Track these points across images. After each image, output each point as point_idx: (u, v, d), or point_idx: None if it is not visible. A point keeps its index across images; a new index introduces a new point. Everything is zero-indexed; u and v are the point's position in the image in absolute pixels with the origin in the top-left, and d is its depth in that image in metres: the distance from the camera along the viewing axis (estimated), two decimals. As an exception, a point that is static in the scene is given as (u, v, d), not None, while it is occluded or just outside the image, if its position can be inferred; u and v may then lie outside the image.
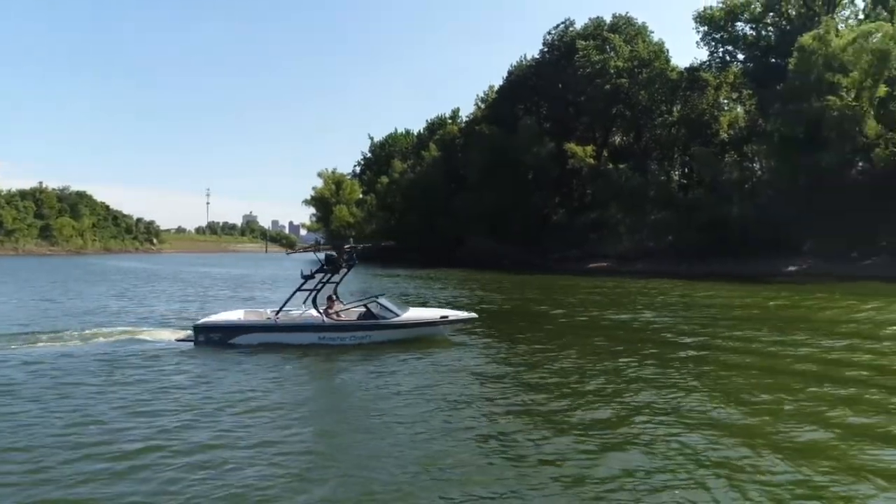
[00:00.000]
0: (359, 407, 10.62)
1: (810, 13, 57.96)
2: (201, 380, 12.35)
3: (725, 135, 62.35)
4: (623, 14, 71.08)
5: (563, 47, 71.12)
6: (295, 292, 16.90)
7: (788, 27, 58.50)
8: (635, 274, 49.08)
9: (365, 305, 16.77)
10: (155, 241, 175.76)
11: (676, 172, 67.56)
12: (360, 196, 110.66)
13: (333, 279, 16.86)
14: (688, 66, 65.89)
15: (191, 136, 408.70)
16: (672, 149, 66.08)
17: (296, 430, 9.08)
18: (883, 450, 8.16)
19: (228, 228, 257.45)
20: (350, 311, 16.94)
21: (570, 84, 68.66)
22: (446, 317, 17.00)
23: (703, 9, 63.79)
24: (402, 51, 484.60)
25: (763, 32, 62.09)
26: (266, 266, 75.19)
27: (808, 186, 49.72)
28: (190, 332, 16.48)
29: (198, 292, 35.21)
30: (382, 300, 16.83)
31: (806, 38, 50.41)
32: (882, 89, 49.00)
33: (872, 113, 48.99)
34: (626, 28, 69.83)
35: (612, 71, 65.44)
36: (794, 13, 59.73)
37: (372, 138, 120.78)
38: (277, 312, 16.66)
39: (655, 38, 69.45)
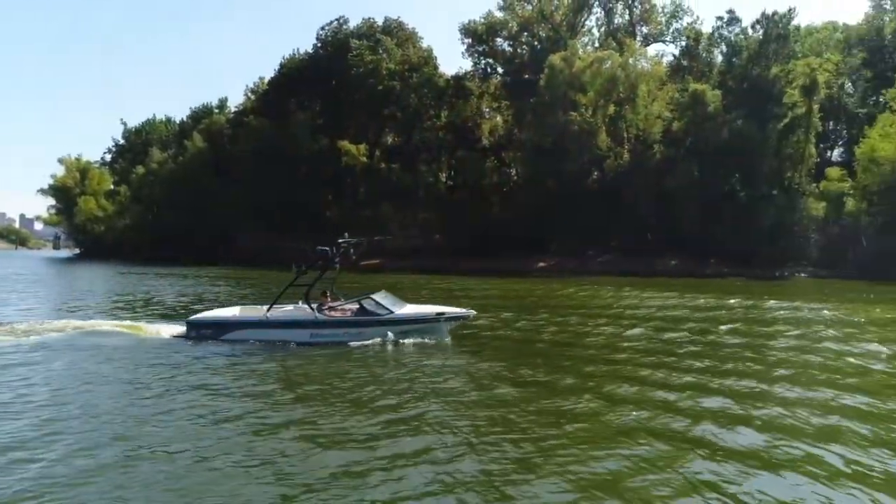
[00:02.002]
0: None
1: (557, 36, 65.01)
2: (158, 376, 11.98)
3: (487, 141, 67.39)
4: (395, 18, 73.31)
5: (337, 44, 71.09)
6: (286, 288, 16.23)
7: (539, 47, 65.01)
8: (406, 270, 50.77)
9: (359, 302, 16.12)
10: None
11: (444, 174, 71.34)
12: (111, 187, 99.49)
13: (328, 275, 16.50)
14: (454, 74, 70.12)
15: None
16: (440, 151, 69.60)
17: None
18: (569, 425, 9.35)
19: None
20: (344, 308, 16.26)
21: (343, 82, 68.86)
22: (443, 313, 16.44)
23: (468, 22, 68.48)
24: (163, 32, 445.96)
25: (519, 50, 68.30)
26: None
27: (555, 191, 55.80)
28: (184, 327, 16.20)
29: None
30: (377, 296, 16.17)
31: (554, 59, 56.46)
32: (612, 108, 56.73)
33: (604, 129, 56.45)
34: (397, 32, 71.95)
35: (384, 72, 66.98)
36: (544, 35, 66.53)
37: (125, 123, 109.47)
38: (269, 308, 16.03)
39: (424, 44, 72.68)
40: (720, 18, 62.05)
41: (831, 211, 50.28)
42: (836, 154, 62.24)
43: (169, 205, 77.11)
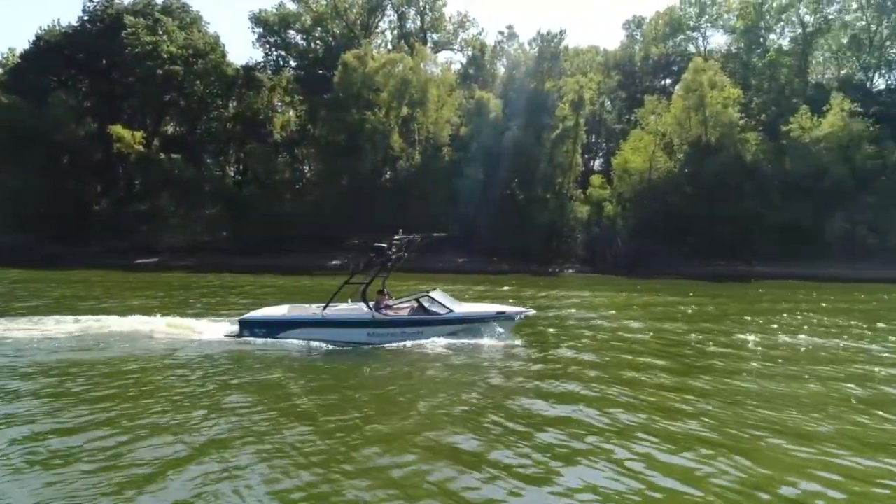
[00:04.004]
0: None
1: (351, 34, 65.20)
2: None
3: (279, 136, 65.39)
4: (178, -1, 67.80)
5: (108, 20, 63.88)
6: (343, 286, 15.88)
7: (334, 43, 64.64)
8: (189, 268, 47.43)
9: (417, 300, 16.02)
10: None
11: (232, 168, 67.89)
12: None
13: (382, 273, 16.29)
14: (244, 64, 66.77)
15: None
16: (228, 144, 66.07)
17: None
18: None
19: None
20: (401, 307, 16.13)
21: (116, 62, 62.17)
22: (503, 312, 16.20)
23: (259, 11, 65.84)
24: None
25: (313, 45, 67.21)
26: None
27: (349, 189, 55.94)
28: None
29: None
30: (434, 294, 16.09)
31: (348, 56, 56.52)
32: (404, 110, 58.22)
33: (397, 130, 57.77)
34: (180, 13, 66.67)
35: (164, 56, 61.62)
36: (338, 32, 66.29)
37: None
38: (325, 307, 15.74)
39: (211, 31, 68.29)
40: (501, 33, 66.91)
41: (594, 214, 56.58)
42: (597, 164, 70.14)
43: None
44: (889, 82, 62.83)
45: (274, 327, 15.58)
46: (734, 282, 39.93)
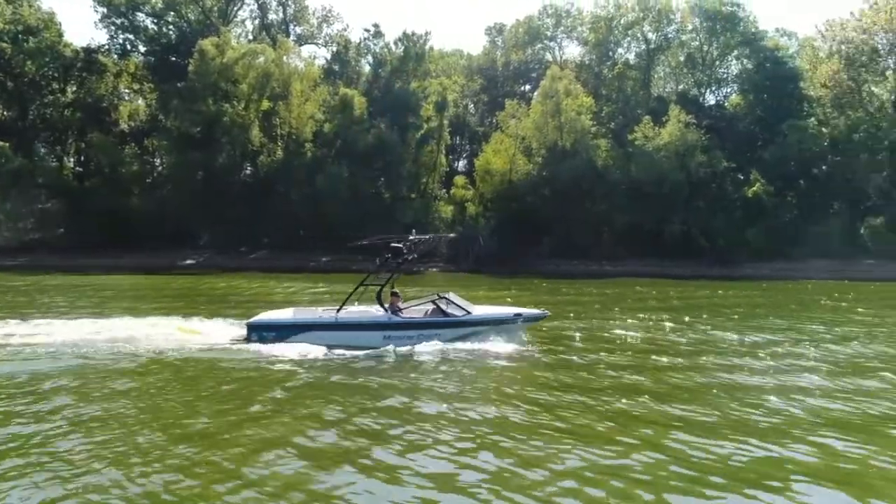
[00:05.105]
0: None
1: (208, 21, 61.77)
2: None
3: (126, 125, 60.80)
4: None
5: (-83, -13, 56.07)
6: (357, 287, 15.52)
7: (188, 30, 60.92)
8: (17, 269, 42.74)
9: (433, 302, 15.68)
10: None
11: (71, 159, 62.12)
12: None
13: (395, 275, 15.91)
14: (85, 45, 61.08)
15: None
16: (66, 132, 60.40)
17: None
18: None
19: None
20: (415, 309, 15.82)
21: (-74, 34, 54.67)
22: (520, 314, 15.95)
23: (101, -12, 60.50)
24: None
25: (164, 29, 62.86)
26: None
27: (205, 184, 53.10)
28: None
29: None
30: (451, 296, 15.74)
31: (205, 44, 53.52)
32: (265, 104, 56.14)
33: (258, 123, 55.56)
34: (9, -15, 59.82)
35: (-12, 30, 55.10)
36: (193, 18, 62.55)
37: None
38: (339, 310, 15.34)
39: (45, 6, 61.74)
40: (367, 30, 66.15)
41: (457, 214, 57.74)
42: (461, 165, 71.69)
43: None
44: (718, 98, 69.80)
45: (284, 330, 14.89)
46: (584, 279, 42.32)
